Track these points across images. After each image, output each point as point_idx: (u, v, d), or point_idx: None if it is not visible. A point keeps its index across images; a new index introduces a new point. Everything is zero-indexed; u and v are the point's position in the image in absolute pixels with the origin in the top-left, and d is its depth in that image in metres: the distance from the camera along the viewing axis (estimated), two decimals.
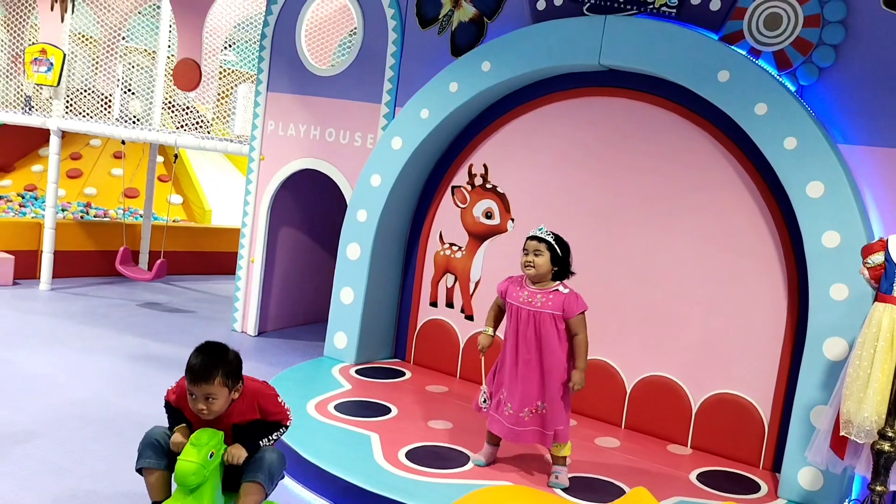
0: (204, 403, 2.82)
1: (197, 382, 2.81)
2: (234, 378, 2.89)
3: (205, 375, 2.80)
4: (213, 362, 2.83)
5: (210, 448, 2.78)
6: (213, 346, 2.90)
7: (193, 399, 2.84)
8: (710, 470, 4.20)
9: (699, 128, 4.48)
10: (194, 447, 2.76)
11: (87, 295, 7.34)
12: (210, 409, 2.83)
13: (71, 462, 3.81)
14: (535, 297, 3.65)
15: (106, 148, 9.83)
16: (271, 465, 2.88)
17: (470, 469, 3.81)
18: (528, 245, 3.67)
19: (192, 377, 2.82)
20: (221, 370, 2.83)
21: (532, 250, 3.65)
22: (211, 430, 2.84)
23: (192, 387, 2.82)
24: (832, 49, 4.05)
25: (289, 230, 6.58)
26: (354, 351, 5.39)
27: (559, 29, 4.68)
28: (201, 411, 2.84)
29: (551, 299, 3.63)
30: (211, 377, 2.80)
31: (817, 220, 3.88)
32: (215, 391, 2.82)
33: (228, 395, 2.87)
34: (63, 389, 4.79)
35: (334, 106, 5.86)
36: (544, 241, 3.65)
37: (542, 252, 3.63)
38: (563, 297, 3.63)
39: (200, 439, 2.78)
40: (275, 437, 3.00)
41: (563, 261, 3.68)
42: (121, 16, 7.52)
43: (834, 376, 3.65)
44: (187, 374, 2.84)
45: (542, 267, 3.63)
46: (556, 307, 3.62)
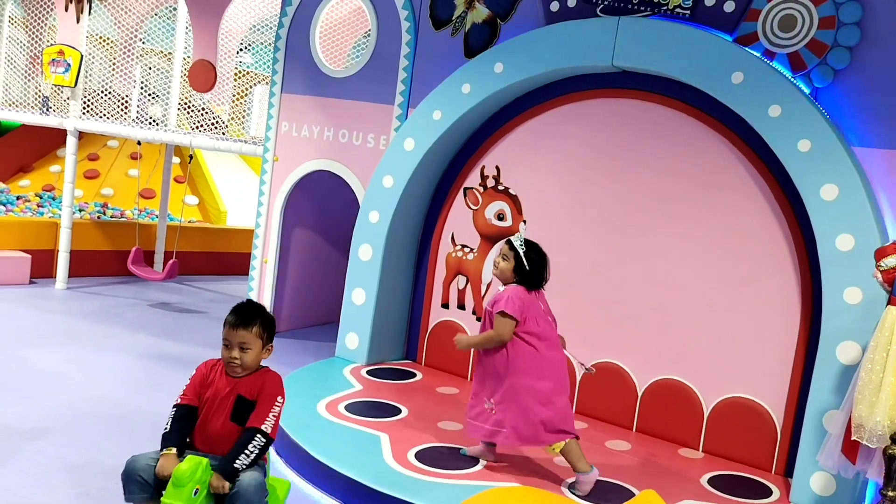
0: (238, 352, 2.90)
1: (236, 327, 2.91)
2: (269, 334, 2.99)
3: (245, 320, 2.92)
4: (255, 311, 2.98)
5: (194, 484, 2.70)
6: (254, 303, 3.05)
7: (228, 349, 2.92)
8: (722, 474, 4.17)
9: (712, 130, 4.46)
10: (176, 488, 2.67)
11: (103, 294, 7.40)
12: (242, 358, 2.91)
13: (83, 459, 3.84)
14: (490, 297, 3.84)
15: (123, 149, 9.91)
16: (249, 497, 2.78)
17: (479, 470, 3.81)
18: (502, 247, 3.80)
19: (234, 321, 2.92)
20: (261, 320, 2.96)
21: (501, 253, 3.78)
22: (195, 460, 2.73)
23: (231, 332, 2.92)
24: (847, 51, 4.02)
25: (302, 231, 6.61)
26: (366, 352, 5.40)
27: (572, 30, 4.68)
28: (233, 361, 2.90)
29: (494, 297, 3.76)
30: (251, 323, 2.92)
31: (831, 223, 3.85)
32: (251, 340, 2.91)
33: (261, 349, 2.96)
34: (77, 387, 4.83)
35: (348, 107, 5.89)
36: (514, 250, 3.74)
37: (508, 258, 3.74)
38: (497, 295, 3.73)
39: (183, 477, 2.68)
40: (251, 449, 2.86)
41: (527, 274, 3.73)
42: (138, 18, 7.59)
43: (847, 381, 3.61)
44: (227, 320, 2.93)
45: (504, 272, 3.75)
46: (490, 302, 3.76)
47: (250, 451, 2.86)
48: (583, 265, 4.88)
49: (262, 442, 2.89)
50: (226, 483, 2.80)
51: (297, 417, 4.18)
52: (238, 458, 2.84)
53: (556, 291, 4.97)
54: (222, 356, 2.97)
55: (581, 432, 4.55)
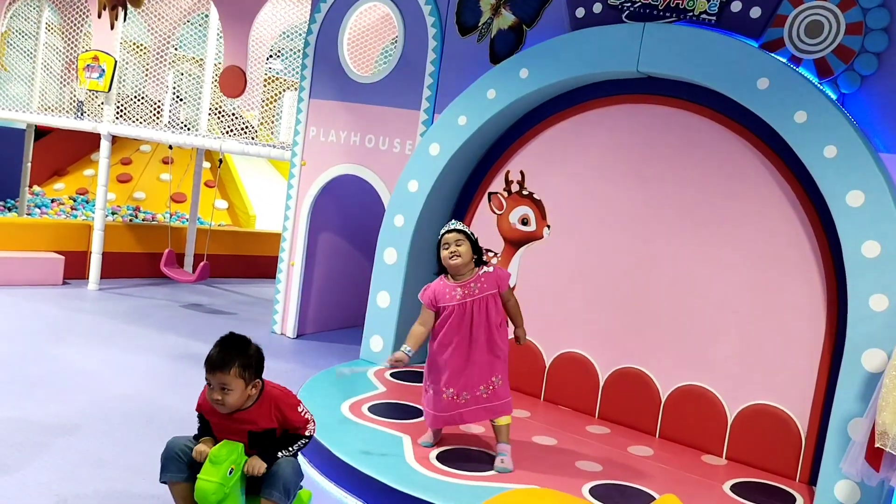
0: (219, 393, 2.84)
1: (213, 371, 2.84)
2: (251, 372, 2.90)
3: (221, 364, 2.83)
4: (231, 352, 2.87)
5: (230, 463, 2.77)
6: (235, 338, 2.94)
7: (210, 389, 2.88)
8: (745, 481, 4.15)
9: (738, 136, 4.45)
10: (213, 465, 2.75)
11: (133, 295, 7.54)
12: (225, 399, 2.84)
13: (112, 455, 3.92)
14: (470, 286, 3.84)
15: (155, 153, 10.10)
16: (286, 479, 2.86)
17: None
18: (448, 238, 3.87)
19: (209, 366, 2.86)
20: (238, 361, 2.86)
21: (453, 241, 3.85)
22: (231, 444, 2.82)
23: (209, 375, 2.86)
24: (875, 57, 4.00)
25: (328, 235, 6.68)
26: (390, 354, 5.42)
27: (598, 36, 4.70)
28: (217, 402, 2.86)
29: (485, 280, 3.84)
30: (227, 366, 2.83)
31: (857, 230, 3.82)
32: (231, 382, 2.83)
33: (245, 388, 2.88)
34: (108, 385, 4.93)
35: (374, 112, 5.95)
36: (463, 233, 3.87)
37: (462, 241, 3.85)
38: (494, 276, 3.86)
39: (219, 456, 2.76)
40: (294, 447, 2.96)
41: (478, 247, 3.92)
42: (171, 24, 7.74)
43: (872, 388, 3.58)
44: (206, 364, 2.88)
45: (465, 255, 3.83)
46: (492, 286, 3.84)
47: (293, 448, 2.98)
48: (607, 270, 4.89)
49: (305, 440, 3.02)
50: (262, 465, 2.86)
51: (321, 418, 4.19)
52: (280, 450, 2.93)
53: (580, 296, 4.99)
54: (207, 396, 2.92)
55: (604, 437, 4.57)
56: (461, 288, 3.85)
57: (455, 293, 3.85)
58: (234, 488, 2.81)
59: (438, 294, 3.90)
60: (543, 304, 5.18)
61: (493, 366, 3.87)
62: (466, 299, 3.84)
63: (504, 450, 3.90)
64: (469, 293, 3.84)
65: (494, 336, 3.85)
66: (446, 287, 3.89)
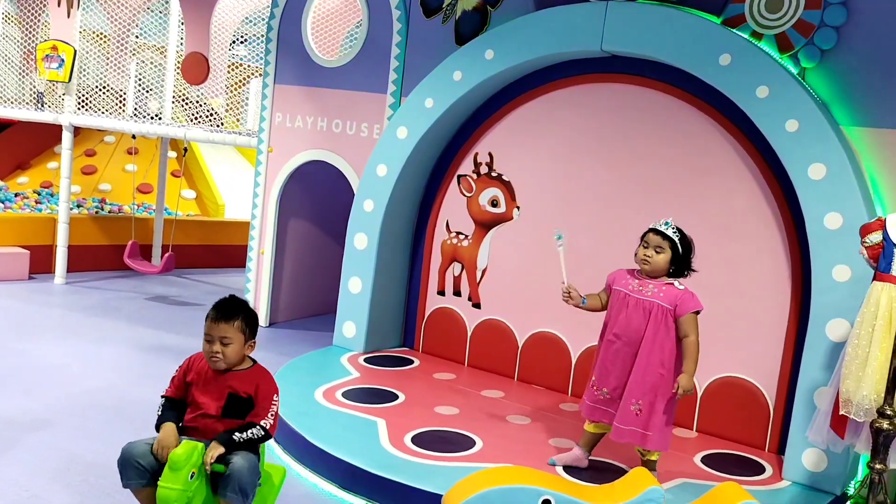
0: (219, 346, 2.91)
1: (218, 321, 2.92)
2: (251, 330, 3.00)
3: (227, 314, 2.93)
4: (237, 306, 2.98)
5: (191, 467, 2.72)
6: (236, 298, 3.04)
7: (209, 344, 2.92)
8: (715, 453, 4.22)
9: (702, 112, 4.48)
10: (173, 471, 2.69)
11: (101, 288, 7.45)
12: (224, 353, 2.92)
13: (83, 448, 3.89)
14: (647, 286, 3.50)
15: (120, 144, 9.93)
16: (241, 479, 2.81)
17: (474, 453, 3.85)
18: (650, 239, 3.48)
19: (215, 315, 2.93)
20: (243, 314, 2.96)
21: (653, 245, 3.47)
22: (190, 446, 2.76)
23: (213, 325, 2.92)
24: (834, 31, 4.05)
25: (298, 222, 6.64)
26: (363, 340, 5.44)
27: (561, 15, 4.70)
28: (215, 355, 2.91)
29: (664, 291, 3.47)
30: (232, 317, 2.93)
31: (819, 203, 3.88)
32: (233, 335, 2.92)
33: (243, 344, 2.97)
34: (77, 379, 4.88)
35: (340, 97, 5.91)
36: (668, 239, 3.46)
37: (663, 249, 3.46)
38: (676, 293, 3.45)
39: (179, 461, 2.70)
40: (250, 434, 2.89)
41: (684, 260, 3.51)
42: (131, 12, 7.61)
43: (836, 357, 3.64)
44: (209, 315, 2.94)
45: (658, 264, 3.47)
46: (667, 300, 3.45)
47: (249, 434, 2.91)
48: (576, 249, 4.90)
49: (262, 433, 2.94)
50: (219, 448, 2.80)
51: (295, 405, 4.22)
52: (236, 433, 2.89)
53: (551, 276, 5.00)
54: (203, 350, 2.97)
55: (577, 415, 4.60)
56: (639, 282, 3.52)
57: (631, 283, 3.53)
58: (197, 490, 2.76)
59: (619, 276, 3.61)
60: (515, 285, 5.21)
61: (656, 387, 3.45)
62: (633, 294, 3.50)
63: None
64: (640, 290, 3.50)
65: (655, 357, 3.44)
66: (630, 275, 3.58)
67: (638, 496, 2.98)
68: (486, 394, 4.84)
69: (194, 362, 3.05)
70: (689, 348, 3.43)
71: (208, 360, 2.96)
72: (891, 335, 3.10)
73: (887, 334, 3.12)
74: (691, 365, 3.44)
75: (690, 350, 3.43)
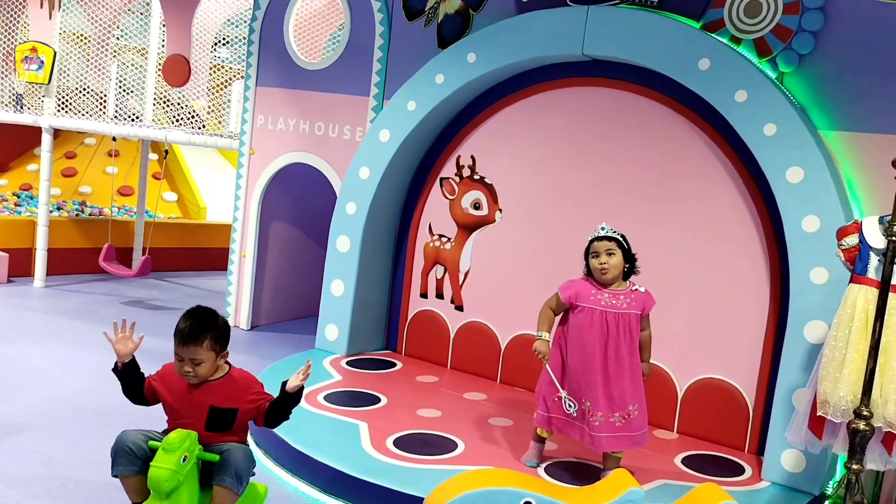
0: (190, 366, 2.89)
1: (186, 344, 2.88)
2: (221, 343, 2.96)
3: (193, 338, 2.88)
4: (202, 326, 2.91)
5: (183, 451, 2.75)
6: (204, 311, 2.98)
7: (180, 363, 2.91)
8: (696, 454, 4.25)
9: (682, 116, 4.52)
10: (166, 452, 2.73)
11: (81, 292, 7.39)
12: (196, 372, 2.90)
13: (62, 453, 3.86)
14: (618, 298, 3.58)
15: (100, 146, 9.85)
16: (238, 466, 2.85)
17: (457, 455, 3.86)
18: (598, 247, 3.58)
19: (182, 339, 2.89)
20: (210, 334, 2.91)
21: (604, 251, 3.56)
22: (184, 432, 2.80)
23: (181, 349, 2.89)
24: (811, 36, 4.09)
25: (280, 224, 6.63)
26: (345, 343, 5.43)
27: (543, 19, 4.72)
28: (188, 374, 2.90)
29: (633, 299, 3.59)
30: (199, 340, 2.88)
31: (797, 206, 3.92)
32: (203, 355, 2.89)
33: (215, 359, 2.94)
34: (56, 383, 4.84)
35: (323, 99, 5.90)
36: (614, 240, 3.58)
37: (614, 252, 3.56)
38: (642, 296, 3.62)
39: (173, 443, 2.74)
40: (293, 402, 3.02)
41: (632, 257, 3.64)
42: (112, 14, 7.56)
43: (815, 359, 3.67)
44: (176, 337, 2.91)
45: (616, 268, 3.56)
46: (637, 307, 3.59)
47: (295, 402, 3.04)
48: (557, 252, 4.93)
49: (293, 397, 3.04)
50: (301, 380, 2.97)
51: None
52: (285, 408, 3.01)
53: (533, 278, 5.03)
54: (176, 369, 2.95)
55: None
56: (610, 294, 3.58)
57: (600, 297, 3.57)
58: (187, 476, 2.79)
59: (581, 293, 3.61)
60: (497, 287, 5.22)
61: (635, 392, 3.60)
62: (610, 309, 3.57)
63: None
64: (614, 304, 3.57)
65: (633, 359, 3.59)
66: (592, 288, 3.61)
67: (618, 497, 3.00)
68: (468, 396, 4.85)
69: (166, 376, 3.03)
70: (647, 340, 3.73)
71: (182, 376, 2.94)
72: (867, 337, 3.13)
73: (863, 336, 3.16)
74: (648, 354, 3.75)
75: (647, 342, 3.73)
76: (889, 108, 3.88)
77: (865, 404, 3.12)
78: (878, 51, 3.92)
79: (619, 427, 3.59)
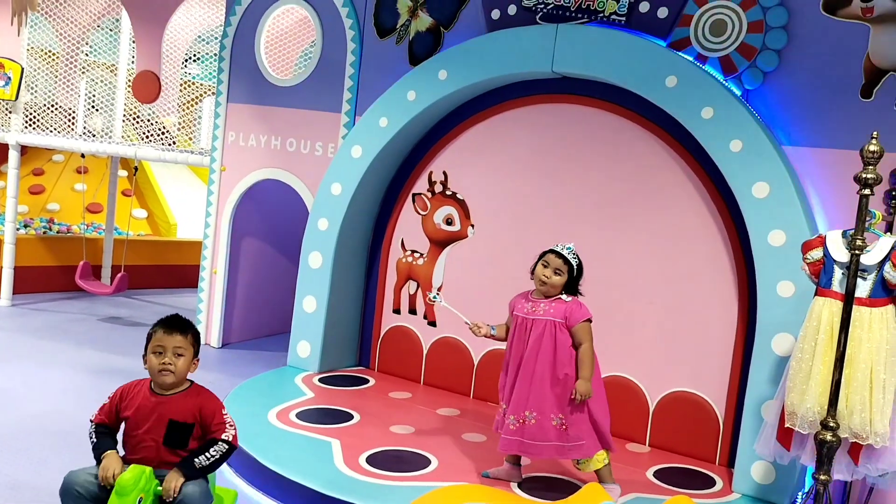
0: (171, 357, 2.87)
1: (172, 331, 2.89)
2: (197, 347, 2.99)
3: (181, 326, 2.92)
4: (186, 321, 2.99)
5: (138, 492, 2.67)
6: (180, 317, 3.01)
7: (160, 355, 2.87)
8: (667, 467, 4.28)
9: (650, 132, 4.58)
10: (120, 497, 2.64)
11: (49, 310, 7.28)
12: (176, 365, 2.88)
13: (28, 474, 3.79)
14: (539, 305, 3.67)
15: (69, 163, 9.74)
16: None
17: (430, 472, 3.85)
18: (551, 260, 3.65)
19: (168, 327, 2.90)
20: (192, 330, 2.98)
21: (553, 267, 3.64)
22: (137, 471, 2.70)
23: (165, 337, 2.88)
24: (775, 54, 4.18)
25: (251, 241, 6.59)
26: (318, 359, 5.40)
27: (513, 37, 4.77)
28: (166, 367, 2.86)
29: (554, 307, 3.65)
30: (186, 330, 2.93)
31: (763, 220, 3.99)
32: (185, 347, 2.91)
33: (191, 359, 2.94)
34: (22, 403, 4.75)
35: (295, 116, 5.90)
36: (568, 263, 3.64)
37: (562, 273, 3.64)
38: (564, 305, 3.64)
39: (126, 485, 2.65)
40: (214, 453, 2.85)
41: (576, 282, 3.71)
42: (81, 29, 7.50)
43: (782, 371, 3.72)
44: (161, 327, 2.91)
45: (554, 287, 3.65)
46: (557, 314, 3.62)
47: (212, 454, 2.85)
48: (528, 266, 4.95)
49: (226, 448, 2.88)
50: (179, 480, 2.74)
51: (247, 427, 4.16)
52: (198, 458, 2.82)
53: (503, 293, 5.03)
54: (150, 366, 2.91)
55: None
56: (532, 303, 3.68)
57: (526, 306, 3.69)
58: None
59: (516, 302, 3.75)
60: (470, 302, 5.20)
61: (560, 401, 3.59)
62: (529, 315, 3.66)
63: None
64: (533, 311, 3.66)
65: (557, 370, 3.58)
66: (525, 297, 3.74)
67: None
68: (441, 412, 4.84)
69: (126, 392, 2.97)
70: (585, 355, 3.61)
71: (155, 375, 2.90)
72: (832, 349, 3.18)
73: (829, 348, 3.21)
74: (587, 371, 3.60)
75: (586, 357, 3.61)
76: (850, 124, 3.97)
77: (832, 415, 3.17)
78: (839, 68, 4.01)
79: (512, 430, 3.63)
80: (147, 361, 2.93)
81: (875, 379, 3.18)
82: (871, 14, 3.89)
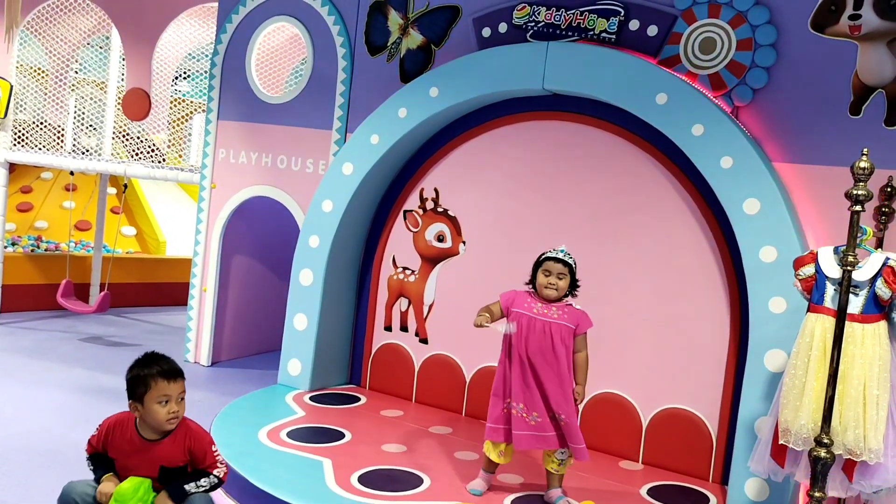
0: (177, 404, 2.88)
1: (175, 379, 2.89)
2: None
3: (178, 372, 2.92)
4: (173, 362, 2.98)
5: (137, 502, 2.71)
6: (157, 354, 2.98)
7: (165, 404, 2.85)
8: (661, 484, 4.26)
9: (640, 149, 4.60)
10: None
11: (36, 329, 7.21)
12: (181, 410, 2.89)
13: (14, 496, 3.73)
14: (551, 309, 3.71)
15: (57, 181, 9.70)
16: None
17: (422, 490, 3.81)
18: (552, 267, 3.71)
19: (170, 376, 2.88)
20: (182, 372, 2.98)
21: (556, 273, 3.70)
22: (137, 480, 2.75)
23: (170, 386, 2.86)
24: (764, 71, 4.21)
25: (241, 258, 6.56)
26: (309, 378, 5.36)
27: (504, 55, 4.79)
28: (173, 414, 2.86)
29: (566, 312, 3.71)
30: (181, 374, 2.94)
31: (754, 236, 4.00)
32: (184, 390, 2.92)
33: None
34: (8, 423, 4.69)
35: (286, 133, 5.90)
36: (568, 266, 3.72)
37: (565, 275, 3.71)
38: (577, 313, 3.73)
39: (125, 495, 2.69)
40: (204, 483, 2.90)
41: (576, 284, 3.79)
42: (71, 47, 7.49)
43: (775, 387, 3.72)
44: (161, 377, 2.88)
45: (562, 290, 3.72)
46: (570, 321, 3.70)
47: (202, 483, 2.90)
48: (520, 283, 4.94)
49: (215, 481, 2.93)
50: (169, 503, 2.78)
51: (238, 446, 4.12)
52: (188, 484, 2.84)
53: None
54: (154, 415, 2.87)
55: (525, 450, 4.60)
56: (542, 304, 3.72)
57: (533, 306, 3.73)
58: None
59: (518, 300, 3.77)
60: (462, 320, 5.20)
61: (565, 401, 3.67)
62: (538, 317, 3.69)
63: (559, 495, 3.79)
64: (545, 313, 3.70)
65: (559, 369, 3.66)
66: (528, 297, 3.77)
67: None
68: (433, 430, 4.81)
69: (110, 430, 2.96)
70: (583, 362, 3.77)
71: (164, 424, 2.88)
72: (826, 365, 3.18)
73: (822, 364, 3.21)
74: (584, 377, 3.77)
75: (583, 364, 3.77)
76: (839, 141, 4.00)
77: (826, 432, 3.16)
78: (827, 85, 4.05)
79: (533, 426, 3.70)
80: (145, 410, 2.87)
81: (868, 395, 3.18)
82: (858, 32, 3.93)
